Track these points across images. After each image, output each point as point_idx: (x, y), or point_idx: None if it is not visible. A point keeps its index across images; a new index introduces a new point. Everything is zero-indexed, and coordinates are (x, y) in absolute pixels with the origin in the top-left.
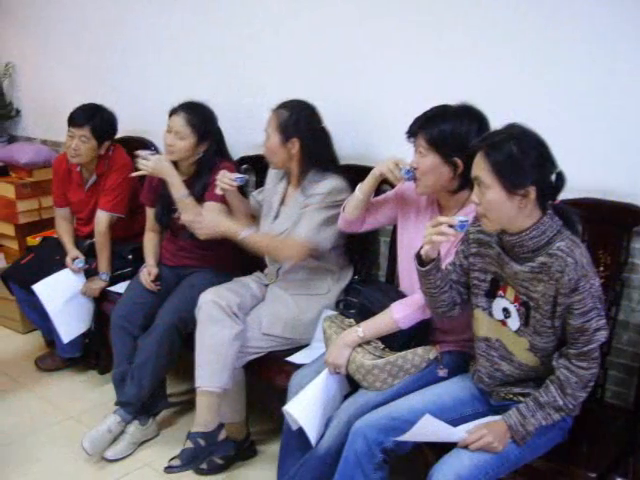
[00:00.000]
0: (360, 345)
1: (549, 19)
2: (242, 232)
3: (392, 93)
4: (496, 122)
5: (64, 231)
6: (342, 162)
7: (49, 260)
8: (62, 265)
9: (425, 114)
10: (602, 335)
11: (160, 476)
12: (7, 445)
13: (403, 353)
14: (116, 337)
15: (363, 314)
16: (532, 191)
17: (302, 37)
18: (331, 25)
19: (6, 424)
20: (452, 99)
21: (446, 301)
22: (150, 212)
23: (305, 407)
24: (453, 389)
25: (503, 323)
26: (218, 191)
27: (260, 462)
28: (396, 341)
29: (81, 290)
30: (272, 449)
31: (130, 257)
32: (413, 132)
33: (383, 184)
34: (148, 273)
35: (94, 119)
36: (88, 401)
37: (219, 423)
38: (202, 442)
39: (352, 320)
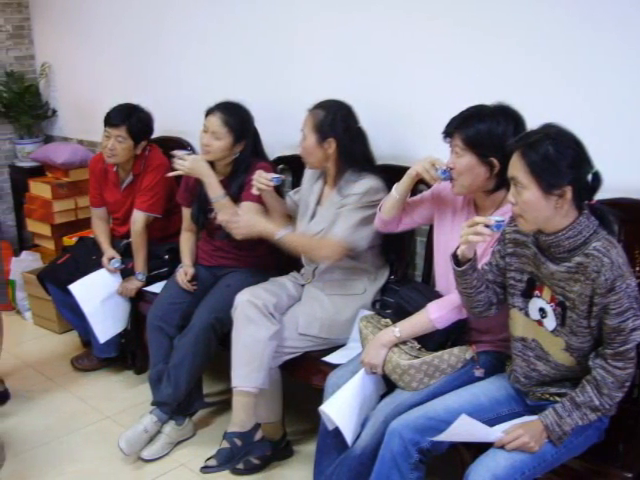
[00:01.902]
0: (396, 345)
1: (586, 20)
2: (278, 232)
3: (428, 93)
4: (532, 122)
5: (100, 231)
6: (378, 162)
7: (85, 260)
8: (98, 265)
9: (461, 114)
10: (638, 335)
11: (196, 476)
12: (44, 445)
13: (439, 353)
14: (152, 337)
15: (399, 314)
16: (568, 191)
17: (338, 39)
18: (367, 26)
19: (43, 424)
20: (488, 99)
21: (482, 301)
22: (186, 212)
23: (341, 407)
24: (489, 389)
25: (539, 323)
26: (254, 191)
27: (296, 462)
28: (432, 341)
29: (117, 290)
30: (308, 449)
31: (166, 257)
32: (449, 132)
33: (419, 184)
34: (184, 273)
35: (130, 119)
36: (124, 401)
37: (255, 423)
38: (238, 442)
39: (388, 320)
